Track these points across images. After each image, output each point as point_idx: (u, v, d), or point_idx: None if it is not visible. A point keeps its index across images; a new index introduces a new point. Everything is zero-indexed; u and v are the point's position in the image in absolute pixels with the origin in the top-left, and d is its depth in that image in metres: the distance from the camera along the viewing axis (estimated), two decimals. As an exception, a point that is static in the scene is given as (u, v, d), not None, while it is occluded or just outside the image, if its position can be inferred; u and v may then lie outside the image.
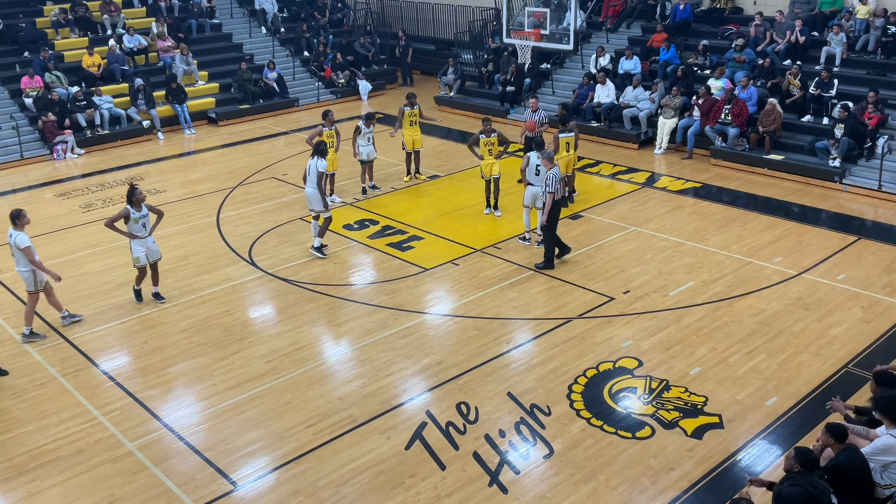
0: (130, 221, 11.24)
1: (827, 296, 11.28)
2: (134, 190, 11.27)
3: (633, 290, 11.59)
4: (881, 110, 15.74)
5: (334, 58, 24.57)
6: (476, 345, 10.34)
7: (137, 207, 11.23)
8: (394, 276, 12.35)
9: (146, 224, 11.33)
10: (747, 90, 17.28)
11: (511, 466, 8.08)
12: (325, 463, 8.21)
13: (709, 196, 15.33)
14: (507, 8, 20.89)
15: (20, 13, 22.51)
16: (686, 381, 9.40)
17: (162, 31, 23.06)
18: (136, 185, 11.42)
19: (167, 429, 8.85)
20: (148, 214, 11.35)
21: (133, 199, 11.20)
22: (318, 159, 12.72)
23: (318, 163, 12.67)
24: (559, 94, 21.05)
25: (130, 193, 11.26)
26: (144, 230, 11.32)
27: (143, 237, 11.33)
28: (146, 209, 11.33)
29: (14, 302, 11.86)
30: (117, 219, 11.24)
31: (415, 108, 16.09)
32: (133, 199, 11.20)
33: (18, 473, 8.21)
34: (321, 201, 12.76)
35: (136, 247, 11.33)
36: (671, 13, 21.16)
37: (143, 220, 11.29)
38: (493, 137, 14.22)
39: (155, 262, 11.62)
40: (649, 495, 7.65)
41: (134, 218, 11.22)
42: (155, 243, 11.58)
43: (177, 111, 21.21)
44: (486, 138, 14.19)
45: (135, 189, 11.29)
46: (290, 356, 10.20)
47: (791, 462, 6.51)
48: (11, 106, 19.93)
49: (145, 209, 11.31)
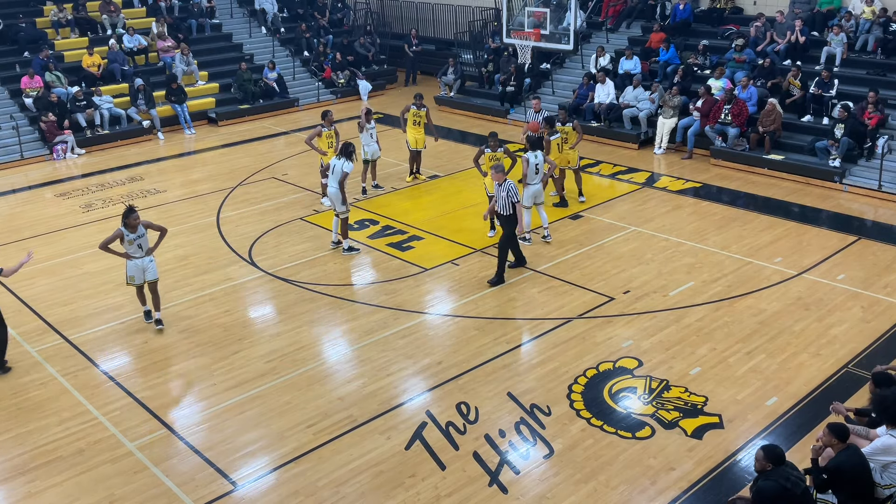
0: (125, 242, 10.60)
1: (827, 296, 11.28)
2: (129, 213, 10.50)
3: (633, 290, 11.59)
4: (881, 110, 15.74)
5: (334, 58, 24.57)
6: (476, 345, 10.34)
7: (132, 230, 10.51)
8: (394, 276, 12.35)
9: (142, 245, 10.63)
10: (747, 90, 17.28)
11: (511, 466, 8.08)
12: (325, 463, 8.21)
13: (709, 196, 15.33)
14: (507, 8, 20.88)
15: (20, 13, 22.50)
16: (686, 381, 9.40)
17: (162, 31, 23.05)
18: (135, 208, 10.64)
19: (167, 429, 8.85)
20: (145, 235, 10.65)
21: (126, 223, 10.49)
22: (345, 161, 12.73)
23: (344, 164, 12.69)
24: (559, 95, 21.05)
25: (125, 215, 10.53)
26: (140, 251, 10.64)
27: (139, 258, 10.67)
28: (143, 230, 10.63)
29: (14, 302, 11.86)
30: (112, 240, 10.53)
31: (422, 110, 16.04)
32: (126, 223, 10.49)
33: (18, 473, 8.21)
34: (342, 201, 12.81)
35: (130, 265, 10.68)
36: (671, 13, 21.17)
37: (139, 241, 10.59)
38: (498, 153, 13.48)
39: (153, 284, 10.85)
40: (649, 495, 7.65)
41: (128, 240, 10.55)
42: (153, 262, 10.82)
43: (177, 111, 21.21)
44: (492, 153, 13.48)
45: (131, 212, 10.51)
46: (290, 356, 10.20)
47: (761, 463, 6.55)
48: (11, 106, 19.92)
49: (142, 230, 10.60)
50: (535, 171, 12.67)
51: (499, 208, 11.81)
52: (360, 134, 15.61)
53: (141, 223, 10.58)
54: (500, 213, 11.84)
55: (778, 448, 6.54)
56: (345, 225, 13.11)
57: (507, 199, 11.59)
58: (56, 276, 12.61)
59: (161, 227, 10.94)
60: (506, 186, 11.57)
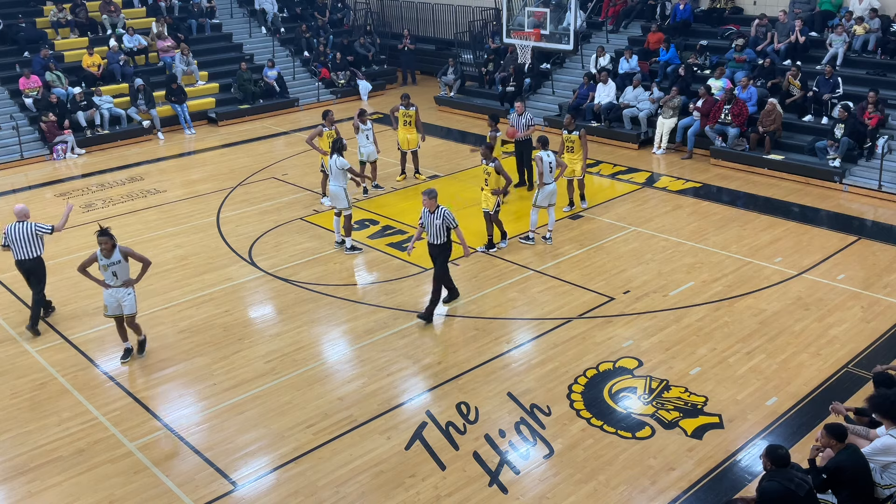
0: (100, 267, 9.60)
1: (827, 296, 11.28)
2: (101, 235, 9.46)
3: (633, 290, 11.59)
4: (881, 110, 15.73)
5: (334, 58, 24.58)
6: (476, 345, 10.34)
7: (105, 254, 9.49)
8: (394, 276, 12.35)
9: (117, 273, 9.60)
10: (747, 90, 17.28)
11: (511, 466, 8.08)
12: (325, 463, 8.21)
13: (709, 196, 15.33)
14: (507, 8, 20.88)
15: (20, 13, 22.50)
16: (686, 381, 9.40)
17: (162, 31, 23.06)
18: (108, 231, 9.55)
19: (167, 429, 8.85)
20: (121, 262, 9.60)
21: (101, 245, 9.49)
22: (337, 157, 12.70)
23: (337, 160, 12.67)
24: (559, 95, 21.06)
25: (98, 237, 9.50)
26: (115, 279, 9.61)
27: (114, 286, 9.67)
28: (119, 255, 9.55)
29: (14, 302, 11.86)
30: (89, 263, 9.67)
31: (410, 109, 16.07)
32: (101, 245, 9.49)
33: (18, 473, 8.21)
34: (345, 198, 12.79)
35: (105, 294, 9.80)
36: (671, 13, 21.17)
37: (114, 268, 9.56)
38: (489, 166, 12.52)
39: (130, 318, 9.87)
40: (649, 495, 7.65)
41: (102, 265, 9.53)
42: (131, 295, 9.78)
43: (177, 111, 21.22)
44: (484, 165, 12.60)
45: (101, 235, 9.46)
46: (290, 356, 10.20)
47: (764, 461, 6.59)
48: (11, 106, 19.93)
49: (118, 255, 9.54)
50: (549, 170, 12.65)
51: (430, 238, 10.82)
52: (356, 135, 15.61)
53: (119, 249, 9.59)
54: (432, 242, 10.81)
55: (781, 449, 6.53)
56: (348, 223, 13.10)
57: (442, 226, 10.62)
58: (56, 276, 12.58)
59: (144, 259, 9.79)
60: (439, 213, 10.59)
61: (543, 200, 12.87)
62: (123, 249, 9.65)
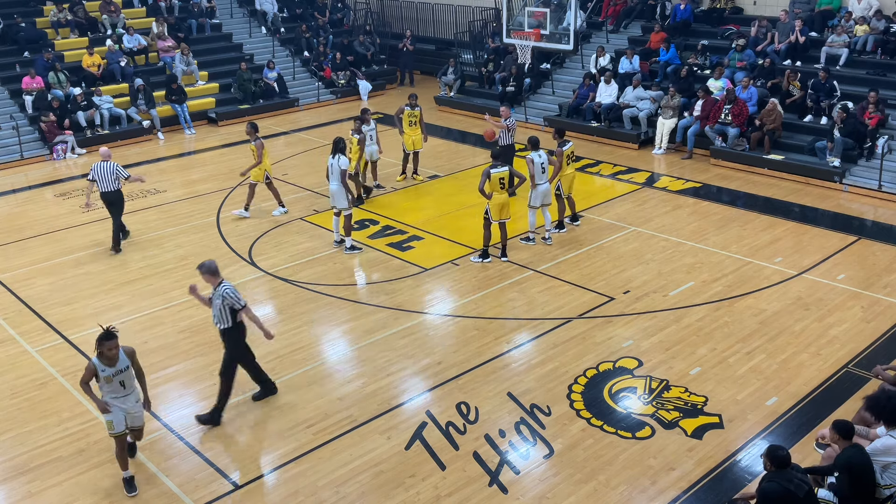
0: (101, 381, 7.58)
1: (827, 296, 11.28)
2: (106, 339, 7.41)
3: (633, 290, 11.58)
4: (881, 110, 15.73)
5: (334, 58, 24.57)
6: (476, 345, 10.34)
7: (109, 362, 7.49)
8: (394, 276, 12.35)
9: (125, 382, 7.66)
10: (748, 90, 17.28)
11: (511, 466, 8.08)
12: (325, 463, 8.21)
13: (709, 196, 15.33)
14: (507, 8, 20.88)
15: (20, 13, 22.48)
16: (686, 381, 9.40)
17: (162, 31, 23.06)
18: (114, 332, 7.49)
19: (167, 429, 8.84)
20: (128, 367, 7.67)
21: (101, 353, 7.46)
22: (339, 157, 12.69)
23: (338, 161, 12.66)
24: (559, 95, 21.06)
25: (99, 342, 7.45)
26: (123, 389, 7.67)
27: (121, 396, 7.70)
28: (125, 358, 7.62)
29: (14, 302, 11.86)
30: (88, 377, 7.62)
31: (415, 109, 16.07)
32: (101, 353, 7.46)
33: (18, 473, 8.20)
34: (344, 198, 12.79)
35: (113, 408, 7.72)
36: (671, 13, 21.17)
37: (121, 377, 7.61)
38: (503, 172, 12.15)
39: (139, 431, 8.08)
40: (649, 495, 7.65)
41: (105, 376, 7.53)
42: (140, 402, 7.89)
43: (177, 111, 21.21)
44: (496, 172, 12.13)
45: (107, 338, 7.42)
46: (290, 356, 10.20)
47: (764, 462, 6.60)
48: (11, 106, 19.94)
49: (123, 360, 7.60)
50: (541, 171, 12.65)
51: (214, 321, 8.72)
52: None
53: (122, 350, 7.61)
54: (217, 326, 8.74)
55: (782, 450, 6.53)
56: (348, 223, 13.10)
57: (224, 307, 8.46)
58: (56, 276, 12.61)
59: (140, 368, 7.90)
60: (219, 293, 8.43)
61: (536, 201, 12.87)
62: (127, 350, 7.73)
